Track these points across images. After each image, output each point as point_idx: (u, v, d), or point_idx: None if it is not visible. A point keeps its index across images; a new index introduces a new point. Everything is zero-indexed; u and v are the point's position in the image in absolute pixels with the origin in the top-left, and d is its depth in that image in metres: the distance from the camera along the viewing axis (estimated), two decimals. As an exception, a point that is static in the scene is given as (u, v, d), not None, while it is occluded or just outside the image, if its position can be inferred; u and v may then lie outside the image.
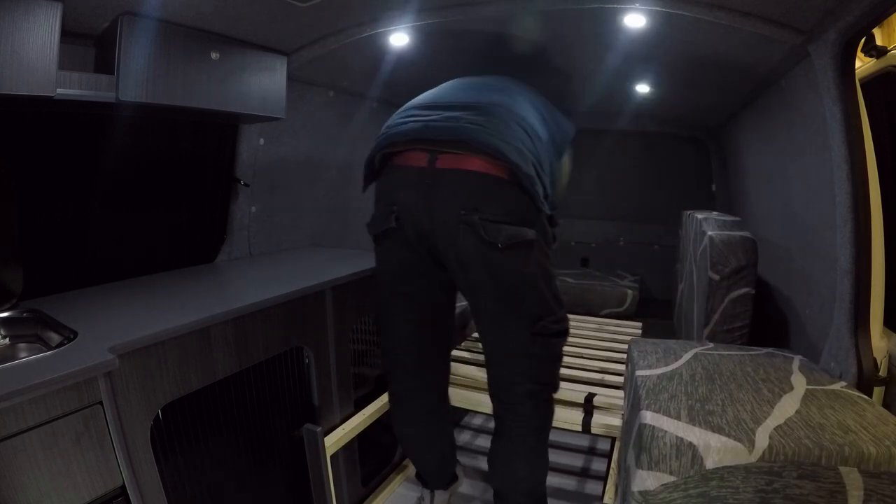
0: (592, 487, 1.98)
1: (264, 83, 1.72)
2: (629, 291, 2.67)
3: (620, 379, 1.89)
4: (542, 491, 1.57)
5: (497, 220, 1.23)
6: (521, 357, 1.38)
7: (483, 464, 1.79)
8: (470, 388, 1.89)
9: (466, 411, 2.32)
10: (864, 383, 1.16)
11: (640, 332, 2.46)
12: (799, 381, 1.13)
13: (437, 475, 1.75)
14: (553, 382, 1.48)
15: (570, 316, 2.60)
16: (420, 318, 1.48)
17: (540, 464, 1.53)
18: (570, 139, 1.58)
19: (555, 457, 2.19)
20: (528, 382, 1.40)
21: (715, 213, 1.99)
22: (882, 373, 1.21)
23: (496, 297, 1.33)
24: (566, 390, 1.78)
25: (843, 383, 1.13)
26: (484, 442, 2.14)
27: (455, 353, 2.02)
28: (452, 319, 1.57)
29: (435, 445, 1.69)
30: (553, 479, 2.03)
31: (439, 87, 1.53)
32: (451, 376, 1.82)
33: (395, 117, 1.39)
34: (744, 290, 1.54)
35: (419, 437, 1.66)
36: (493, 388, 1.50)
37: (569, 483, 2.02)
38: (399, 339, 1.53)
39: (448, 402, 1.74)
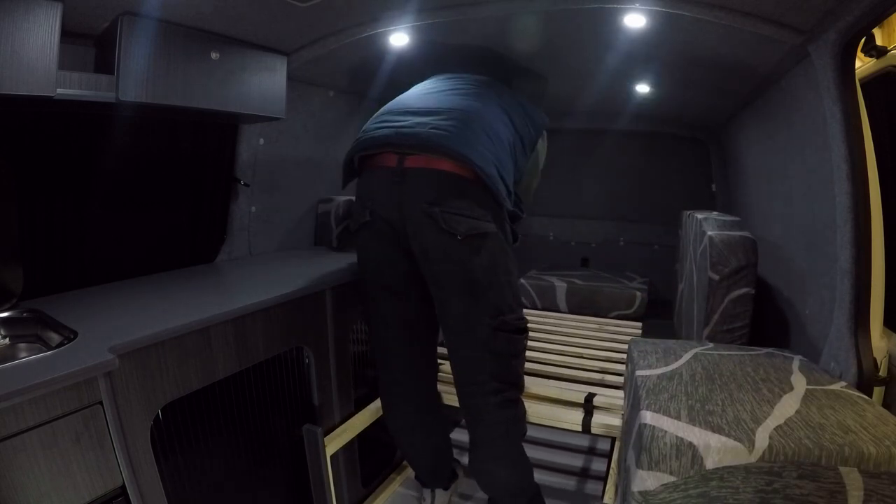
0: (592, 487, 1.98)
1: (264, 83, 1.72)
2: (638, 293, 2.64)
3: (620, 379, 1.89)
4: (533, 489, 1.59)
5: (457, 213, 1.33)
6: (484, 353, 1.42)
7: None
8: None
9: None
10: (864, 383, 1.16)
11: (640, 332, 2.46)
12: (799, 381, 1.13)
13: (433, 472, 1.75)
14: (517, 382, 1.51)
15: (570, 315, 2.63)
16: (402, 310, 1.52)
17: (519, 466, 1.54)
18: (542, 131, 1.70)
19: (555, 457, 2.20)
20: (492, 381, 1.43)
21: (715, 213, 1.98)
22: (882, 373, 1.21)
23: (459, 289, 1.39)
24: (566, 390, 1.78)
25: (843, 383, 1.13)
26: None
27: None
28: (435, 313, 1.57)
29: (427, 439, 1.70)
30: (553, 479, 2.03)
31: (414, 88, 1.60)
32: (447, 375, 1.82)
33: (370, 122, 1.48)
34: (744, 290, 1.54)
35: (410, 429, 1.67)
36: (460, 391, 1.52)
37: (569, 483, 2.02)
38: (384, 330, 1.56)
39: (439, 399, 1.75)
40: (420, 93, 1.55)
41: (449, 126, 1.35)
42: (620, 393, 1.77)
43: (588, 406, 1.70)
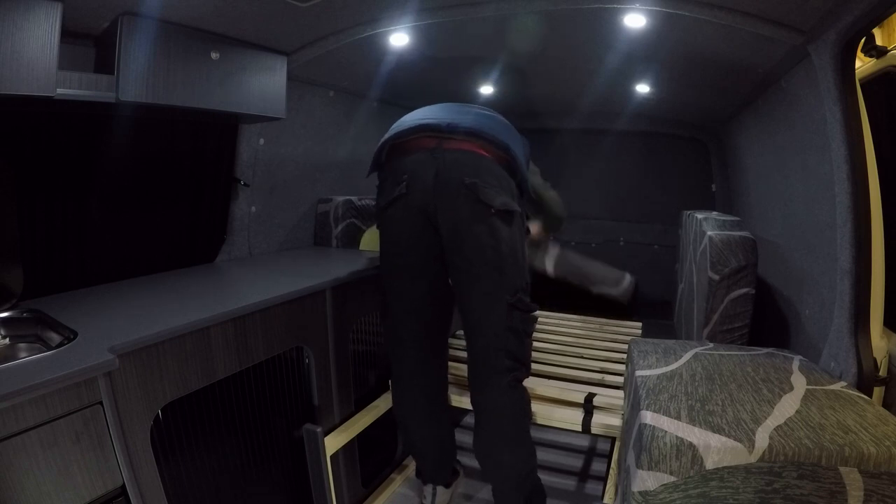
0: (592, 487, 1.98)
1: (264, 83, 1.72)
2: (627, 276, 2.57)
3: (620, 379, 1.89)
4: (534, 478, 1.63)
5: (494, 186, 1.44)
6: (501, 329, 1.48)
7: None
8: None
9: (467, 411, 2.32)
10: (864, 383, 1.16)
11: (640, 332, 2.46)
12: (799, 381, 1.13)
13: (437, 466, 1.76)
14: (527, 363, 1.58)
15: (570, 315, 2.63)
16: (419, 293, 1.56)
17: (523, 451, 1.58)
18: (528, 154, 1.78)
19: (555, 457, 2.20)
20: (506, 359, 1.49)
21: (715, 213, 1.99)
22: (882, 373, 1.21)
23: (486, 262, 1.46)
24: (566, 390, 1.78)
25: (843, 383, 1.13)
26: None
27: (455, 353, 2.02)
28: (452, 301, 1.61)
29: (435, 431, 1.71)
30: (553, 479, 2.03)
31: (422, 109, 1.64)
32: (452, 375, 1.82)
33: (402, 120, 1.56)
34: (744, 290, 1.54)
35: (419, 420, 1.68)
36: (474, 370, 1.56)
37: (569, 483, 2.02)
38: (399, 317, 1.59)
39: (447, 390, 1.78)
40: (437, 107, 1.62)
41: (482, 122, 1.50)
42: (620, 393, 1.77)
43: (588, 406, 1.70)
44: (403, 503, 1.93)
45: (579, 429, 1.66)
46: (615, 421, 1.62)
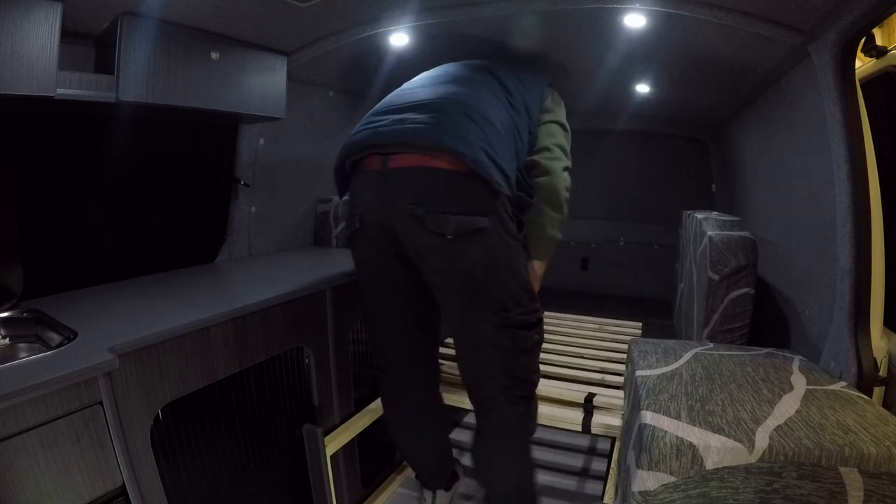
0: (592, 487, 1.98)
1: (264, 83, 1.72)
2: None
3: (620, 379, 1.89)
4: (531, 493, 1.55)
5: (443, 210, 1.26)
6: (490, 349, 1.37)
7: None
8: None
9: (467, 411, 2.32)
10: (864, 383, 1.16)
11: (640, 332, 2.46)
12: (799, 381, 1.13)
13: (434, 473, 1.75)
14: (528, 377, 1.45)
15: (569, 315, 2.63)
16: (401, 315, 1.49)
17: (523, 464, 1.51)
18: (545, 95, 1.63)
19: (555, 457, 2.20)
20: (499, 376, 1.39)
21: (715, 213, 1.98)
22: (882, 373, 1.21)
23: (457, 287, 1.34)
24: (566, 390, 1.78)
25: (843, 383, 1.13)
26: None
27: (450, 351, 2.02)
28: (437, 314, 1.54)
29: (427, 442, 1.68)
30: (553, 479, 2.03)
31: (404, 84, 1.55)
32: (447, 375, 1.82)
33: (357, 126, 1.43)
34: (744, 290, 1.54)
35: (410, 433, 1.65)
36: (467, 385, 1.49)
37: (569, 483, 2.02)
38: (384, 335, 1.54)
39: (440, 400, 1.73)
40: (406, 87, 1.50)
41: (427, 118, 1.29)
42: (620, 393, 1.77)
43: (588, 406, 1.70)
44: (403, 503, 1.93)
45: (579, 429, 1.66)
46: (615, 421, 1.62)
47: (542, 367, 1.98)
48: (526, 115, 1.50)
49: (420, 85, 1.48)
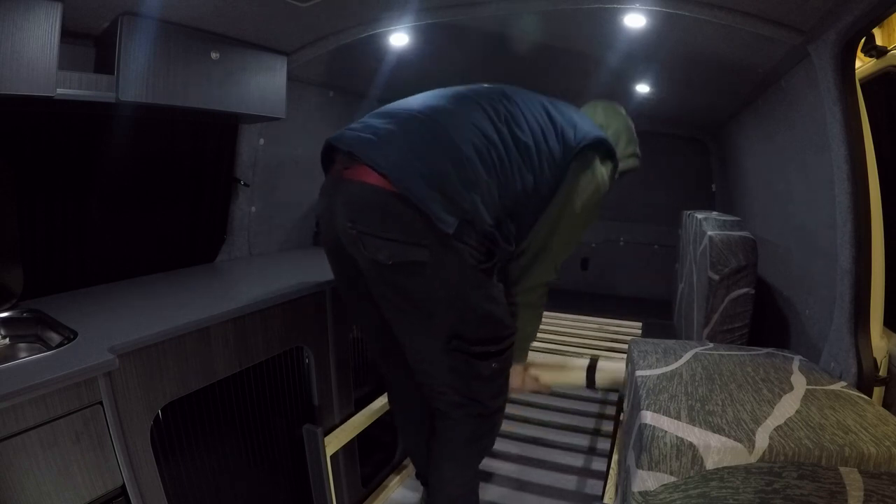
0: (592, 487, 1.98)
1: (264, 83, 1.72)
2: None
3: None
4: (472, 501, 1.52)
5: (378, 235, 1.17)
6: (441, 369, 1.30)
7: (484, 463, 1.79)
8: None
9: None
10: (864, 383, 1.16)
11: (640, 332, 2.46)
12: (799, 381, 1.13)
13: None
14: (488, 403, 1.36)
15: (569, 315, 2.63)
16: (376, 321, 1.39)
17: (466, 474, 1.47)
18: (577, 152, 1.40)
19: (555, 456, 2.20)
20: (454, 395, 1.32)
21: (715, 212, 1.99)
22: (882, 373, 1.21)
23: (400, 311, 1.27)
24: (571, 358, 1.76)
25: (843, 383, 1.13)
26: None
27: None
28: None
29: (428, 438, 1.64)
30: (553, 479, 2.03)
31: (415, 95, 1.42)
32: None
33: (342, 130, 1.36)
34: (744, 290, 1.54)
35: (412, 427, 1.64)
36: (422, 393, 1.42)
37: (569, 483, 2.02)
38: (369, 333, 1.53)
39: None
40: (414, 96, 1.41)
41: (384, 131, 1.20)
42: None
43: (592, 363, 1.67)
44: (403, 503, 1.93)
45: (584, 383, 1.61)
46: (620, 374, 1.58)
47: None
48: (539, 159, 1.33)
49: (422, 96, 1.39)
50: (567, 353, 2.17)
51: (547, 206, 1.40)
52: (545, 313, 2.59)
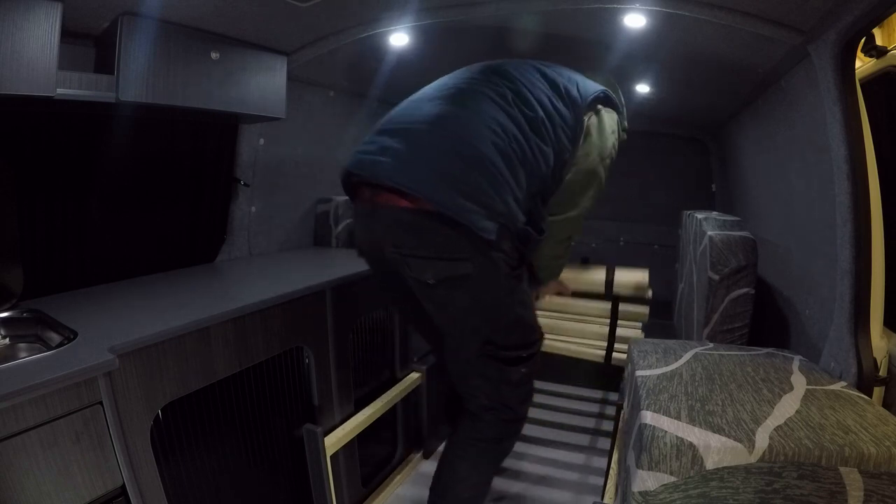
0: (593, 487, 1.98)
1: (264, 83, 1.72)
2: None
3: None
4: None
5: (423, 255, 1.21)
6: (474, 376, 1.37)
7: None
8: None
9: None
10: (864, 383, 1.16)
11: (640, 332, 2.46)
12: (799, 381, 1.13)
13: None
14: (516, 408, 1.42)
15: (569, 315, 2.63)
16: (414, 307, 1.42)
17: (480, 478, 1.49)
18: (588, 104, 1.43)
19: (555, 455, 2.20)
20: (484, 399, 1.39)
21: (715, 212, 1.98)
22: (882, 373, 1.21)
23: (441, 321, 1.36)
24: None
25: (843, 383, 1.13)
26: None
27: None
28: None
29: None
30: (553, 479, 2.03)
31: (416, 93, 1.45)
32: None
33: (363, 140, 1.38)
34: (744, 290, 1.54)
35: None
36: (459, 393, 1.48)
37: (569, 482, 2.02)
38: (414, 324, 1.65)
39: None
40: (413, 99, 1.42)
41: (402, 151, 1.21)
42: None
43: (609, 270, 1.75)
44: (403, 503, 1.93)
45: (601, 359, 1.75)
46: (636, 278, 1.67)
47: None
48: (553, 129, 1.34)
49: (424, 98, 1.38)
50: (567, 352, 2.17)
51: (568, 168, 1.41)
52: (544, 312, 2.61)
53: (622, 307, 2.36)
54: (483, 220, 1.16)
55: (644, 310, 2.26)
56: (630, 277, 1.78)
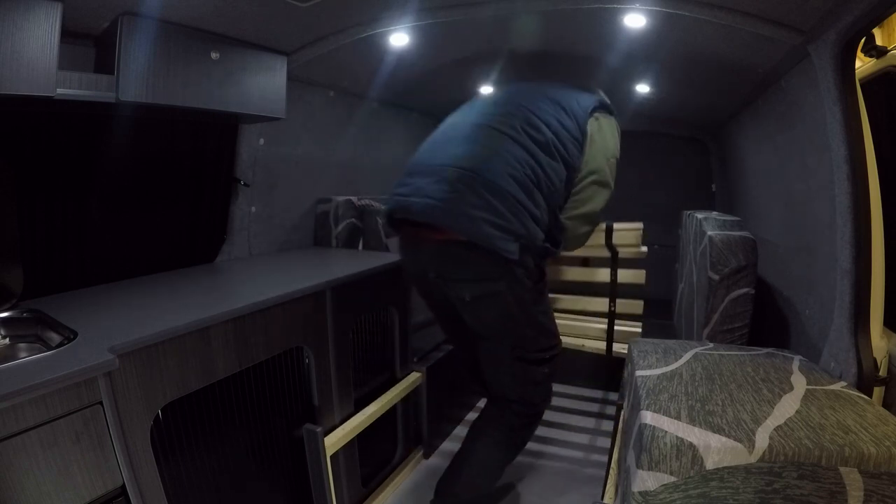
0: (593, 487, 1.98)
1: (264, 83, 1.72)
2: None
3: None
4: (486, 492, 1.78)
5: (460, 279, 1.47)
6: (506, 376, 1.61)
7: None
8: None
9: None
10: (864, 383, 1.16)
11: (640, 332, 2.46)
12: (799, 381, 1.13)
13: None
14: (538, 403, 1.67)
15: (569, 315, 2.63)
16: (452, 316, 1.64)
17: (493, 462, 1.68)
18: (588, 115, 1.64)
19: (555, 455, 2.20)
20: (513, 395, 1.62)
21: (715, 212, 1.98)
22: (882, 373, 1.21)
23: (478, 330, 1.58)
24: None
25: (843, 383, 1.13)
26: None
27: None
28: None
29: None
30: (553, 478, 2.03)
31: (435, 133, 1.63)
32: None
33: (395, 184, 1.56)
34: (744, 290, 1.54)
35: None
36: (489, 386, 1.71)
37: (569, 482, 2.02)
38: (447, 329, 1.84)
39: None
40: (435, 140, 1.60)
41: (437, 192, 1.41)
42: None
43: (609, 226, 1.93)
44: (403, 503, 1.93)
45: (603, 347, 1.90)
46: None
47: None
48: (563, 144, 1.54)
49: (445, 140, 1.57)
50: (566, 351, 2.17)
51: (579, 173, 1.62)
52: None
53: (619, 301, 2.37)
54: (507, 244, 1.38)
55: (641, 276, 2.30)
56: (627, 228, 2.10)
